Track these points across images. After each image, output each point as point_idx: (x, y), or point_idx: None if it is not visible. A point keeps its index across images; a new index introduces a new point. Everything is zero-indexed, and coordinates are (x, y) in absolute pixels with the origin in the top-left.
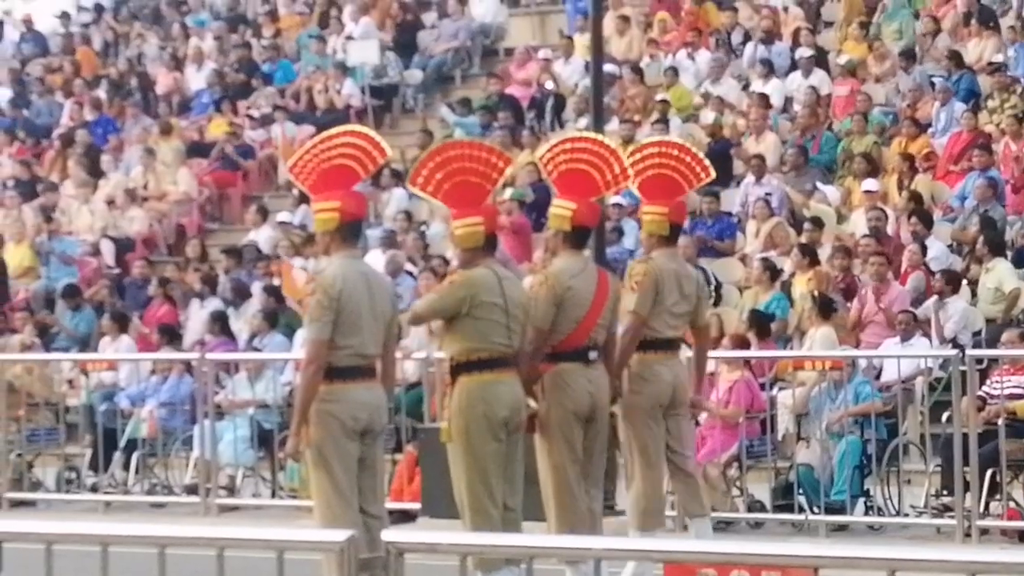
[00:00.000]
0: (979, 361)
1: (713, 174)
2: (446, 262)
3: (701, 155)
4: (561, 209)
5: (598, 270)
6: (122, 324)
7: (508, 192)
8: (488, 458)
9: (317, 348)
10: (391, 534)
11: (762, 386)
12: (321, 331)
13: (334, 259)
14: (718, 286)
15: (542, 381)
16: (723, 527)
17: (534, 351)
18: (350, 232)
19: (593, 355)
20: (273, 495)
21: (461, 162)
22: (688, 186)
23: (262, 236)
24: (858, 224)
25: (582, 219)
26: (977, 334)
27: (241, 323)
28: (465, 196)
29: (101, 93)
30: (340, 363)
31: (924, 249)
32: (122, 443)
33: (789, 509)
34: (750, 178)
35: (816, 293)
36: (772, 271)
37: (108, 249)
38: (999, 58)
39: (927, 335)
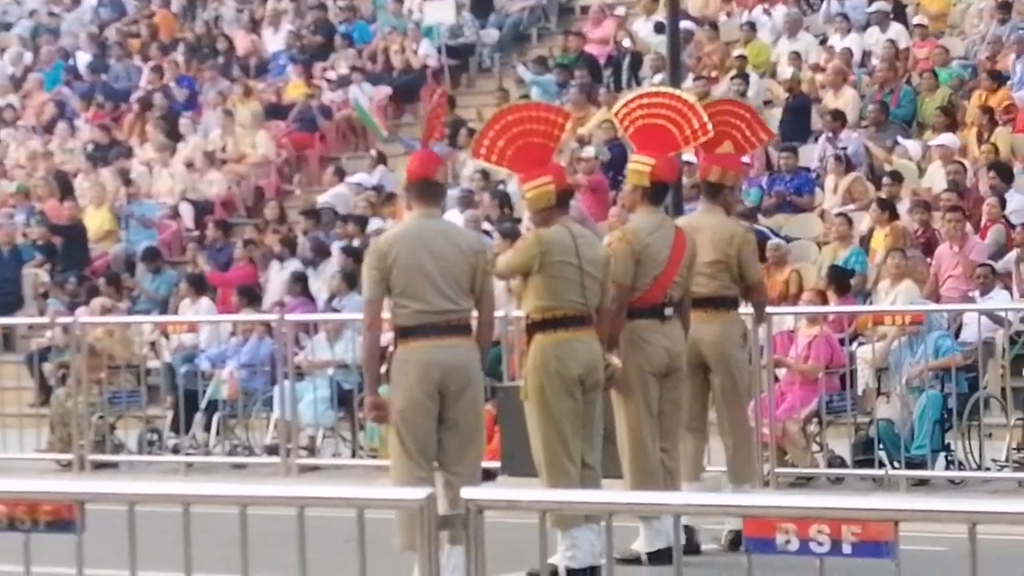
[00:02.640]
0: None
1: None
2: (516, 222)
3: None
4: (640, 164)
5: (675, 227)
6: (200, 286)
7: (587, 150)
8: (563, 415)
9: (366, 308)
10: (470, 491)
11: (841, 341)
12: (370, 291)
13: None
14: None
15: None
16: (803, 483)
17: (617, 307)
18: (420, 191)
19: (669, 311)
20: (353, 455)
21: (521, 125)
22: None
23: (339, 197)
24: (936, 178)
25: (661, 174)
26: None
27: (320, 284)
28: (530, 158)
29: (179, 56)
30: (405, 322)
31: (1003, 203)
32: (203, 405)
33: (869, 464)
34: (828, 133)
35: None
36: (850, 226)
37: (187, 212)
38: None
39: (1008, 288)
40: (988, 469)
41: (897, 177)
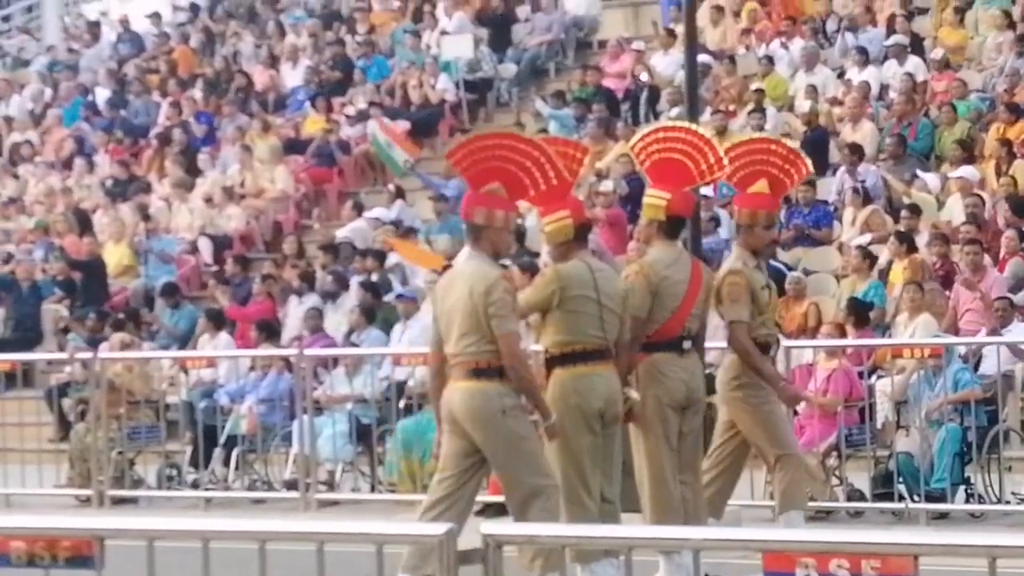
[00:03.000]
0: None
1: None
2: (533, 256)
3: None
4: (655, 199)
5: (692, 260)
6: (219, 321)
7: (604, 184)
8: (583, 450)
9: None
10: (489, 526)
11: (860, 374)
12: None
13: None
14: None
15: (636, 371)
16: (823, 516)
17: (632, 340)
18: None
19: (687, 344)
20: (372, 489)
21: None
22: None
23: (358, 232)
24: (955, 211)
25: (677, 208)
26: None
27: (338, 318)
28: (549, 192)
29: (197, 92)
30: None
31: (1022, 235)
32: (222, 440)
33: (889, 498)
34: (846, 166)
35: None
36: (869, 259)
37: (206, 247)
38: None
39: None
40: (1008, 502)
41: (915, 210)
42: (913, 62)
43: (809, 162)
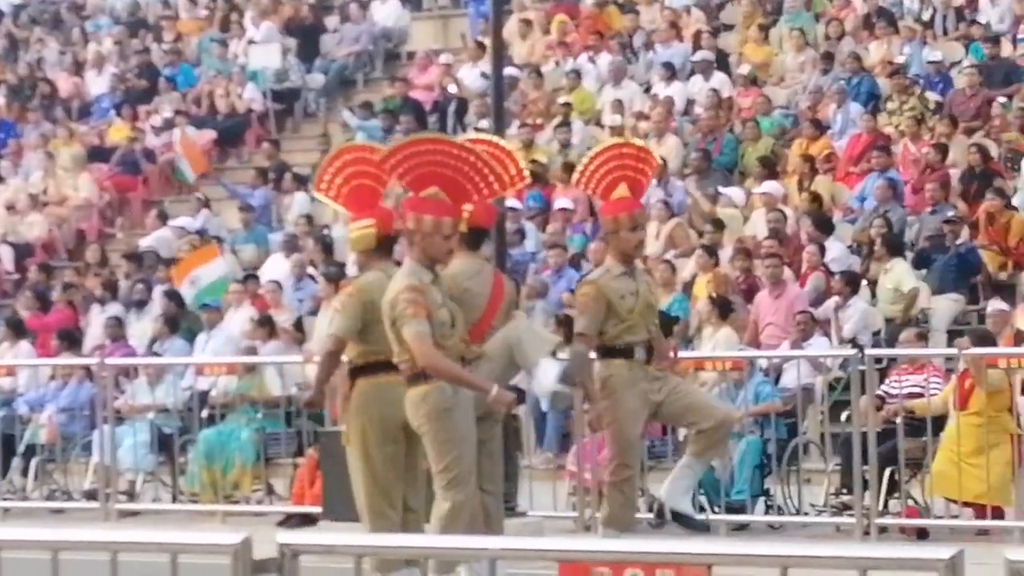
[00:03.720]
0: (878, 361)
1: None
2: (340, 266)
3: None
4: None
5: (495, 272)
6: (19, 330)
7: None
8: (385, 460)
9: None
10: (286, 536)
11: None
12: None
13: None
14: None
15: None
16: None
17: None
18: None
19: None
20: (174, 500)
21: (356, 165)
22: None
23: (162, 240)
24: (759, 225)
25: (479, 220)
26: (876, 334)
27: (142, 327)
28: (360, 199)
29: (0, 99)
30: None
31: (823, 250)
32: (21, 449)
33: None
34: (653, 180)
35: (714, 295)
36: (673, 272)
37: (7, 254)
38: (900, 60)
39: (827, 335)
40: (807, 514)
41: (719, 224)
42: (719, 78)
43: (657, 156)
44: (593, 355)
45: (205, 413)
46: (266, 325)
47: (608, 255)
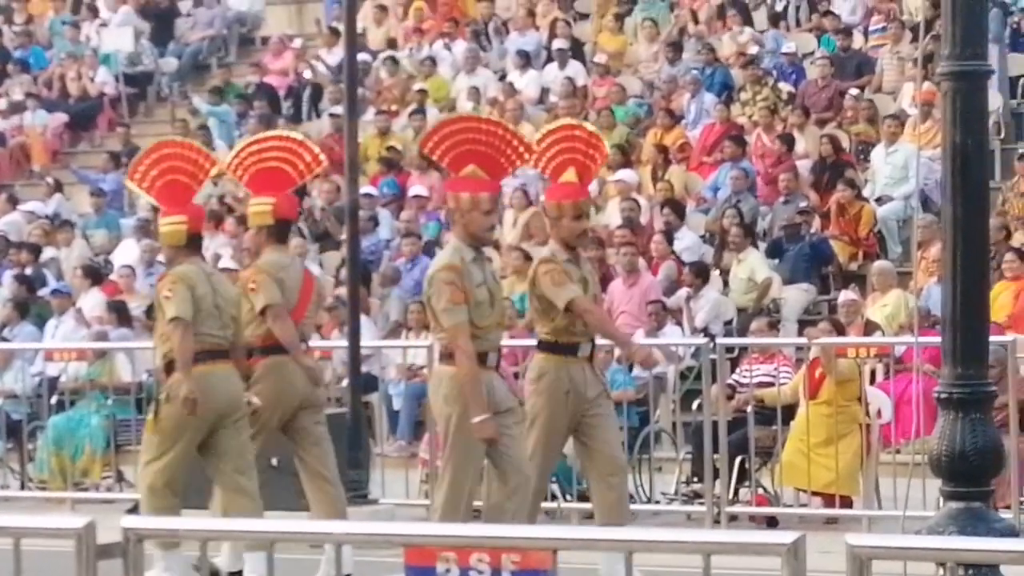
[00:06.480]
0: (729, 350)
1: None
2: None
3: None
4: (260, 206)
5: (303, 266)
6: None
7: None
8: (187, 447)
9: None
10: (130, 520)
11: (516, 375)
12: None
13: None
14: None
15: (256, 374)
16: (476, 515)
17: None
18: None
19: (303, 347)
20: (22, 487)
21: (172, 160)
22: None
23: (13, 224)
24: (613, 215)
25: (283, 212)
26: (728, 323)
27: None
28: (174, 195)
29: None
30: None
31: (671, 239)
32: None
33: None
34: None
35: None
36: (528, 261)
37: None
38: (753, 51)
39: (679, 324)
40: (658, 502)
41: None
42: (574, 67)
43: (607, 144)
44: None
45: (54, 399)
46: (117, 311)
47: (551, 240)
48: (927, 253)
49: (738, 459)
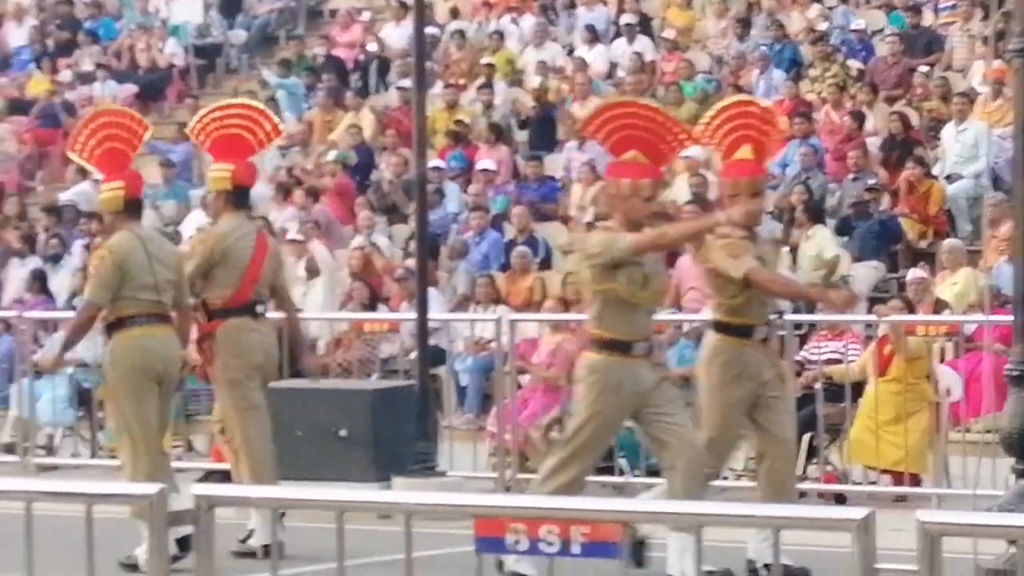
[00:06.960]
0: (798, 326)
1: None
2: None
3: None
4: (220, 172)
5: (257, 229)
6: None
7: (332, 155)
8: (142, 409)
9: None
10: (201, 488)
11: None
12: None
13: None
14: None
15: (215, 337)
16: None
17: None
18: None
19: (260, 308)
20: (93, 455)
21: (110, 128)
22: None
23: (82, 194)
24: (681, 190)
25: (241, 179)
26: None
27: (61, 281)
28: (112, 161)
29: None
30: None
31: None
32: None
33: (610, 472)
34: (573, 143)
35: None
36: None
37: None
38: (823, 27)
39: None
40: (726, 478)
41: None
42: (642, 42)
43: (781, 122)
44: None
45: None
46: None
47: (724, 213)
48: (997, 231)
49: (806, 436)
